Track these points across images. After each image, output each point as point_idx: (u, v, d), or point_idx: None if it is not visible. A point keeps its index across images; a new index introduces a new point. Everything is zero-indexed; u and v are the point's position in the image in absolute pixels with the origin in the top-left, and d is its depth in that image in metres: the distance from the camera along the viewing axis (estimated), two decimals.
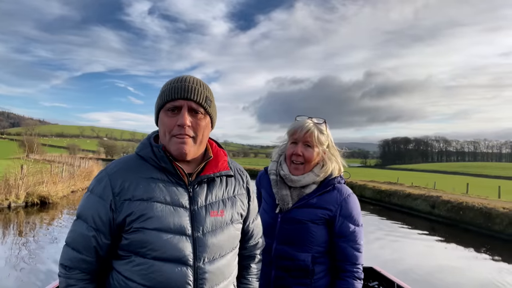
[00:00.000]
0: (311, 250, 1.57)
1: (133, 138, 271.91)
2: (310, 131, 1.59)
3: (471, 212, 13.74)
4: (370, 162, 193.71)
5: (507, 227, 12.01)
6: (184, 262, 1.09)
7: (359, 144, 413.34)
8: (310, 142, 1.59)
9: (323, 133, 1.62)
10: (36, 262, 7.34)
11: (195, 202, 1.15)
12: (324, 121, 1.66)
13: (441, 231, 13.18)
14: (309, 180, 1.60)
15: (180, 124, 1.12)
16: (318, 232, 1.57)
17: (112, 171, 1.15)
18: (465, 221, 13.82)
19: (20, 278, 6.46)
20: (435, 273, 7.73)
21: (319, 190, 1.61)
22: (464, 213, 14.04)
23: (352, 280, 1.54)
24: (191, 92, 1.14)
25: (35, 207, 14.44)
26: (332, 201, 1.58)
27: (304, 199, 1.61)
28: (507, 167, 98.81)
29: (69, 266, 1.13)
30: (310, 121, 1.63)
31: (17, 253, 8.02)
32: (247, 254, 1.38)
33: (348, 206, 1.58)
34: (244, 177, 1.34)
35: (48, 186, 15.88)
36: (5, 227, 10.90)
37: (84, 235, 1.11)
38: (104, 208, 1.10)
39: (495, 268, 8.59)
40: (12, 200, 13.93)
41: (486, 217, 12.99)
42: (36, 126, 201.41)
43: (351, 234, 1.56)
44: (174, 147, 1.13)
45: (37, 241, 9.29)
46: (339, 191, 1.61)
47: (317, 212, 1.57)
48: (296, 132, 1.61)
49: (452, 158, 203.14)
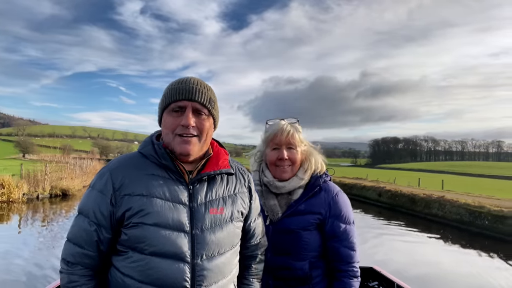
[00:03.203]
0: (307, 257, 1.55)
1: (125, 138, 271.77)
2: (291, 133, 1.57)
3: (402, 198, 17.82)
4: (360, 161, 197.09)
5: (424, 207, 16.03)
6: (181, 259, 1.10)
7: (351, 143, 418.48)
8: (292, 144, 1.58)
9: (300, 132, 1.62)
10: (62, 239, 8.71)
11: (195, 199, 1.16)
12: (297, 120, 1.65)
13: (384, 214, 17.04)
14: (294, 185, 1.58)
15: (184, 124, 1.14)
16: (312, 238, 1.54)
17: (114, 166, 1.18)
18: (399, 205, 17.88)
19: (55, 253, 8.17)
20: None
21: (306, 194, 1.58)
22: (398, 199, 18.11)
23: (348, 279, 1.52)
24: (195, 93, 1.16)
25: (58, 198, 17.92)
26: (321, 204, 1.56)
27: (292, 206, 1.57)
28: (492, 166, 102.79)
29: (71, 261, 1.14)
30: (285, 122, 1.62)
31: (48, 232, 10.79)
32: (248, 254, 1.37)
33: (337, 206, 1.56)
34: (246, 176, 1.34)
35: (67, 181, 19.34)
36: (35, 213, 14.18)
37: (86, 230, 1.13)
38: (105, 202, 1.12)
39: (413, 235, 12.49)
40: (40, 192, 17.37)
41: (411, 201, 17.04)
42: (27, 126, 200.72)
43: (342, 234, 1.54)
44: (178, 145, 1.16)
45: (61, 224, 11.69)
46: (326, 191, 1.59)
47: (308, 218, 1.54)
48: (276, 136, 1.58)
49: (441, 158, 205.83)
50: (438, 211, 15.13)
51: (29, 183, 17.18)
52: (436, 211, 15.20)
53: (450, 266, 8.62)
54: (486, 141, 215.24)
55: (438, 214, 15.03)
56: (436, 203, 15.44)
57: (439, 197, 15.84)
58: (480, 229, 12.69)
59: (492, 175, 62.38)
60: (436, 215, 15.08)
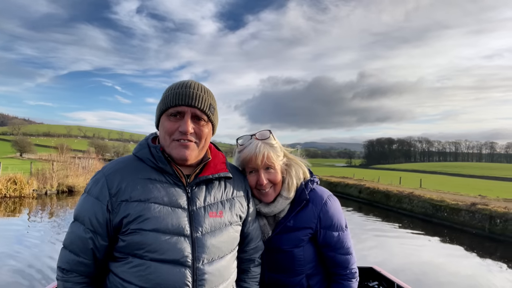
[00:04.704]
0: (303, 271, 1.52)
1: (121, 138, 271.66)
2: (266, 154, 1.45)
3: (379, 195, 19.70)
4: (355, 162, 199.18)
5: (396, 202, 17.88)
6: (182, 263, 1.09)
7: (347, 144, 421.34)
8: (270, 164, 1.47)
9: (275, 147, 1.51)
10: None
11: (194, 203, 1.15)
12: (270, 132, 1.52)
13: (363, 209, 18.78)
14: (281, 207, 1.51)
15: (182, 130, 1.13)
16: (305, 253, 1.51)
17: (109, 171, 1.14)
18: (376, 201, 19.80)
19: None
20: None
21: (293, 210, 1.52)
22: (376, 195, 20.00)
23: (347, 281, 1.51)
24: (195, 99, 1.14)
25: (64, 194, 19.43)
26: (310, 217, 1.50)
27: (281, 223, 1.52)
28: (484, 167, 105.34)
29: (66, 269, 1.13)
30: (257, 141, 1.49)
31: (55, 224, 11.76)
32: (247, 258, 1.37)
33: (327, 216, 1.50)
34: (243, 179, 1.35)
35: (72, 178, 20.87)
36: (45, 207, 15.66)
37: (81, 237, 1.11)
38: (101, 209, 1.09)
39: (389, 227, 14.20)
40: (48, 189, 18.88)
41: (386, 197, 18.89)
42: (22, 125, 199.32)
43: (336, 243, 1.50)
44: (175, 150, 1.14)
45: (67, 218, 12.52)
46: (314, 202, 1.51)
47: (298, 235, 1.49)
48: (251, 160, 1.46)
49: (435, 158, 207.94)
50: (407, 205, 16.95)
51: (38, 180, 18.70)
52: (406, 205, 17.02)
53: (412, 251, 10.28)
54: (479, 142, 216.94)
55: (407, 208, 16.85)
56: (406, 198, 17.28)
57: (409, 193, 17.67)
58: (440, 220, 14.49)
59: (483, 175, 64.08)
60: (406, 209, 16.89)
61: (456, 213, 13.87)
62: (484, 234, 12.26)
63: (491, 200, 14.94)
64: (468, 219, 13.20)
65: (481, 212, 12.79)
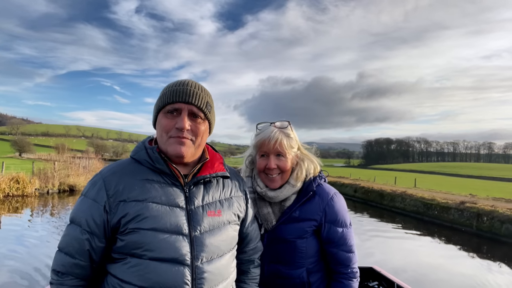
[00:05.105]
0: (305, 264, 1.52)
1: (119, 138, 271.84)
2: (279, 140, 1.50)
3: (373, 194, 20.22)
4: (353, 162, 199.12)
5: (390, 201, 18.39)
6: (181, 262, 1.09)
7: (346, 144, 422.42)
8: (281, 151, 1.51)
9: (291, 137, 1.54)
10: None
11: (192, 202, 1.15)
12: (289, 123, 1.57)
13: (358, 208, 19.22)
14: (287, 194, 1.53)
15: (179, 127, 1.14)
16: (308, 245, 1.52)
17: (107, 174, 1.15)
18: (370, 200, 20.32)
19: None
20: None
21: (299, 200, 1.53)
22: (370, 194, 20.52)
23: (348, 281, 1.52)
24: (192, 96, 1.15)
25: (66, 193, 19.83)
26: (315, 210, 1.51)
27: (286, 213, 1.53)
28: (482, 167, 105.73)
29: (61, 271, 1.11)
30: (275, 128, 1.54)
31: (56, 223, 11.87)
32: (246, 258, 1.37)
33: (333, 211, 1.52)
34: (241, 180, 1.36)
35: (73, 177, 21.28)
36: (47, 205, 16.16)
37: (77, 239, 1.10)
38: (98, 210, 1.10)
39: (381, 224, 14.68)
40: (50, 188, 19.28)
41: (380, 196, 19.40)
42: (21, 125, 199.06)
43: (340, 239, 1.51)
44: (171, 147, 1.15)
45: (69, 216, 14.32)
46: (321, 196, 1.53)
47: (303, 226, 1.51)
48: (264, 144, 1.51)
49: (433, 159, 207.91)
50: (400, 204, 17.44)
51: (40, 179, 19.10)
52: (399, 204, 17.51)
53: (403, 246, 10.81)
54: (477, 143, 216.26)
55: (400, 207, 17.35)
56: (399, 197, 17.78)
57: (402, 192, 18.18)
58: (431, 218, 14.98)
59: (481, 176, 64.58)
60: (399, 208, 17.37)
61: (446, 211, 14.36)
62: (472, 231, 12.73)
63: (480, 199, 15.41)
64: (457, 217, 13.68)
65: (469, 210, 13.27)
